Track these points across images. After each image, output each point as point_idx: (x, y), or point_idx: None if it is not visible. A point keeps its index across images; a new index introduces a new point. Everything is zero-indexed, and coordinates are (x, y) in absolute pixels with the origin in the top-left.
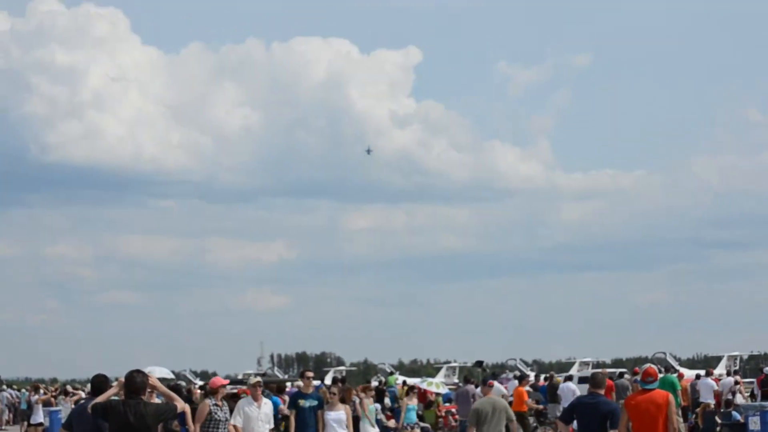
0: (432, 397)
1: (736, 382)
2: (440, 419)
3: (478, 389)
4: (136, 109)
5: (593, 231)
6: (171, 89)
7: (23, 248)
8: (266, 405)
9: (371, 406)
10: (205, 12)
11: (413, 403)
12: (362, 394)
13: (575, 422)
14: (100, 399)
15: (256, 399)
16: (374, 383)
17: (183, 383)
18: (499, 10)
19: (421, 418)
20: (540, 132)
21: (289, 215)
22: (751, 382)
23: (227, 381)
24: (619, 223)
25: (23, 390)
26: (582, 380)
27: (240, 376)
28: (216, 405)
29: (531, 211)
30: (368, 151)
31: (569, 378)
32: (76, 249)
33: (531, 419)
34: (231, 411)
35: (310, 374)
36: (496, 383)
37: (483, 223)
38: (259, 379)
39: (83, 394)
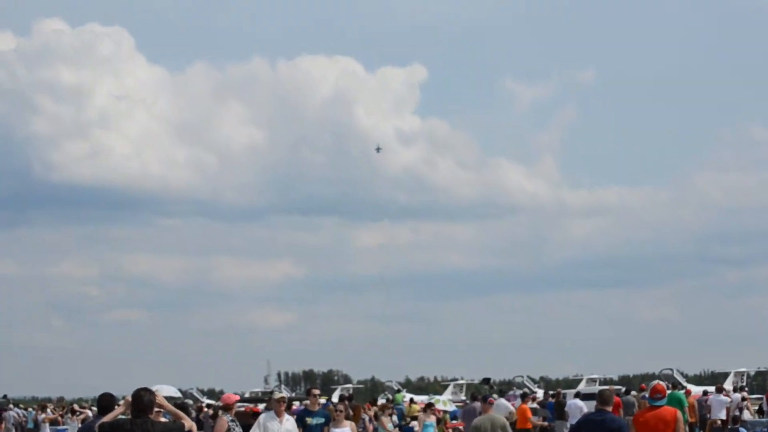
0: (439, 415)
1: (744, 399)
2: None
3: None
4: (141, 128)
5: (599, 248)
6: (176, 108)
7: (29, 268)
8: (288, 421)
9: (390, 424)
10: (210, 31)
11: (431, 419)
12: (380, 412)
13: None
14: (107, 418)
15: (278, 415)
16: (381, 401)
17: (190, 402)
18: (503, 27)
19: None
20: (545, 149)
21: (295, 233)
22: (759, 399)
23: (239, 397)
24: (625, 239)
25: (30, 409)
26: (585, 397)
27: (246, 395)
28: (233, 421)
29: (537, 228)
30: (378, 149)
31: (577, 395)
32: (81, 268)
33: None
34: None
35: (317, 392)
36: (501, 400)
37: (489, 241)
38: (284, 395)
39: (90, 413)
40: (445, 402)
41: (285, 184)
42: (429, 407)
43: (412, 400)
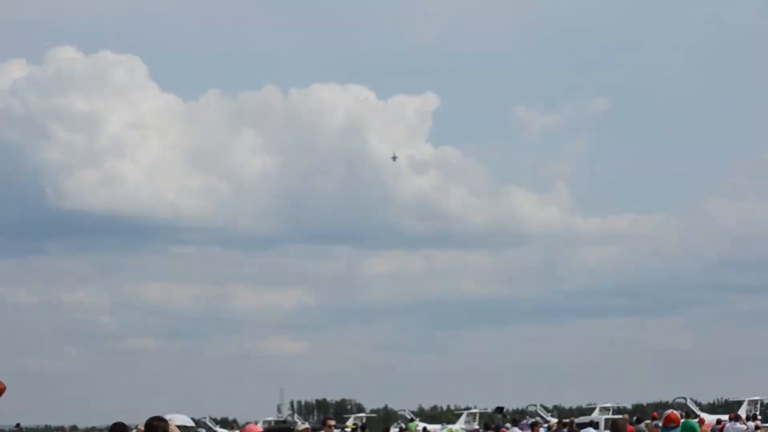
0: None
1: (757, 427)
2: None
3: None
4: (154, 156)
5: (612, 276)
6: (189, 136)
7: (42, 295)
8: None
9: None
10: (223, 59)
11: None
12: None
13: None
14: None
15: None
16: (394, 430)
17: (203, 430)
18: (516, 55)
19: None
20: (558, 177)
21: (308, 261)
22: None
23: (261, 429)
24: (638, 267)
25: None
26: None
27: (260, 424)
28: None
29: (550, 256)
30: (394, 158)
31: (591, 423)
32: (95, 296)
33: None
34: None
35: (332, 422)
36: (515, 429)
37: (502, 269)
38: (307, 426)
39: None
40: (458, 431)
41: (298, 211)
42: None
43: (425, 429)
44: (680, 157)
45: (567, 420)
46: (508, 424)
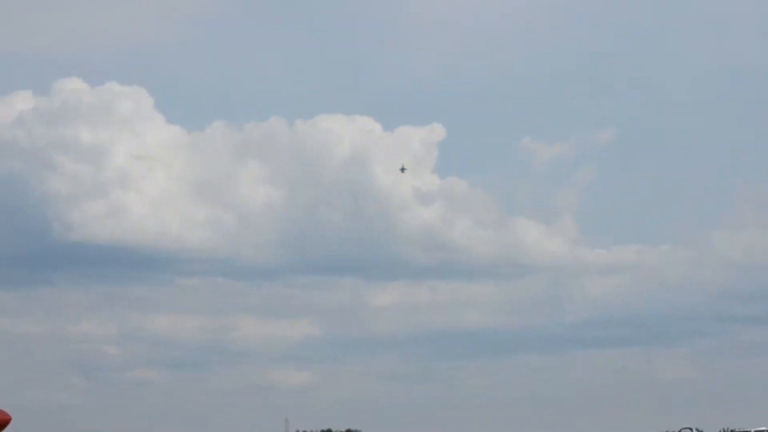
0: None
1: None
2: None
3: None
4: (160, 187)
5: (618, 306)
6: (195, 167)
7: (48, 326)
8: None
9: None
10: (229, 90)
11: None
12: None
13: None
14: None
15: None
16: None
17: None
18: (522, 86)
19: None
20: (565, 208)
21: (313, 292)
22: None
23: None
24: (645, 298)
25: None
26: None
27: None
28: None
29: (556, 286)
30: (402, 170)
31: None
32: (101, 327)
33: None
34: None
35: None
36: None
37: (508, 299)
38: None
39: None
40: None
41: (303, 243)
42: None
43: None
44: (685, 188)
45: None
46: None
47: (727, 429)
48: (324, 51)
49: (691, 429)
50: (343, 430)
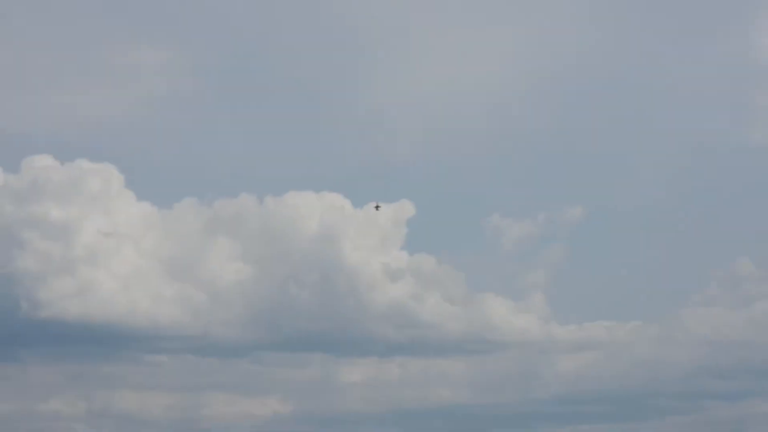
0: None
1: None
2: None
3: None
4: (129, 265)
5: (589, 383)
6: (165, 244)
7: (17, 404)
8: None
9: None
10: (199, 167)
11: None
12: None
13: None
14: None
15: None
16: None
17: None
18: (491, 164)
19: None
20: (534, 284)
21: (283, 369)
22: None
23: None
24: (615, 374)
25: None
26: None
27: None
28: None
29: (526, 363)
30: (377, 207)
31: None
32: (69, 405)
33: None
34: None
35: None
36: None
37: (478, 376)
38: None
39: None
40: None
41: (273, 319)
42: None
43: None
44: (655, 265)
45: None
46: None
47: None
48: (293, 128)
49: None
50: None
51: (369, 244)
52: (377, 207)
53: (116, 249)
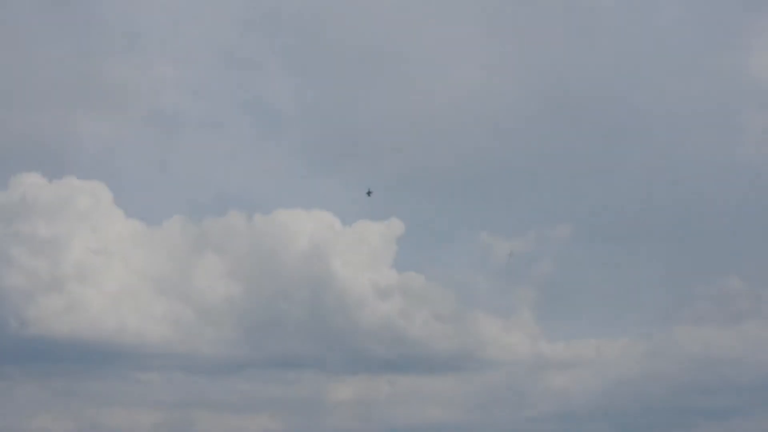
0: None
1: None
2: None
3: None
4: (118, 282)
5: (578, 400)
6: (154, 262)
7: (4, 421)
8: None
9: None
10: (188, 185)
11: None
12: None
13: None
14: None
15: None
16: None
17: None
18: (480, 181)
19: None
20: (523, 302)
21: (273, 387)
22: None
23: None
24: (604, 391)
25: None
26: None
27: None
28: None
29: (515, 380)
30: (368, 193)
31: None
32: (57, 422)
33: None
34: None
35: None
36: None
37: (467, 393)
38: None
39: None
40: None
41: (262, 337)
42: None
43: None
44: (644, 283)
45: None
46: None
47: None
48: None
49: None
50: None
51: (358, 262)
52: (369, 193)
53: (105, 266)
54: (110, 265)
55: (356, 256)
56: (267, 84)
